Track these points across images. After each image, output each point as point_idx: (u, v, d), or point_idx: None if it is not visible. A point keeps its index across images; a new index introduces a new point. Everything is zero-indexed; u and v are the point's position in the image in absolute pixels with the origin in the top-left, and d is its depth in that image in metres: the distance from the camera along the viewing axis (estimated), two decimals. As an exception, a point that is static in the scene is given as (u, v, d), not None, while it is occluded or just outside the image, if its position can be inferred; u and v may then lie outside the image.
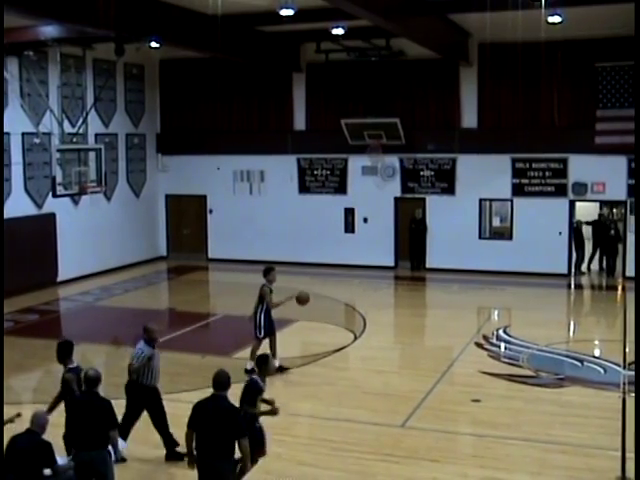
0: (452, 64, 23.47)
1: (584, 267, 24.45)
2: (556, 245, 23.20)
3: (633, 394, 12.13)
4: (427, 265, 24.52)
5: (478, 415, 11.47)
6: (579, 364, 14.17)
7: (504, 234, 24.16)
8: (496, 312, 19.71)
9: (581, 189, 22.99)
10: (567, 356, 14.63)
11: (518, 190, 23.57)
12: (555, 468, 9.23)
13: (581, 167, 22.85)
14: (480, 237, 24.16)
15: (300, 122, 25.56)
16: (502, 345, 15.54)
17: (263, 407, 8.89)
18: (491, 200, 24.35)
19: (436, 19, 19.62)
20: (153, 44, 19.13)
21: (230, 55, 21.40)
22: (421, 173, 24.40)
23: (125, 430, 9.85)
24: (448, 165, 24.11)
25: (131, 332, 16.27)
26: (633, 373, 13.31)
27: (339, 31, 20.21)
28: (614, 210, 26.92)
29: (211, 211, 26.57)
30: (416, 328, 17.96)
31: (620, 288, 22.18)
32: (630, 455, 9.23)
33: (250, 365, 12.82)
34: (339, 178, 25.17)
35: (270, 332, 13.68)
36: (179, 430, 7.97)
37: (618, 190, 22.79)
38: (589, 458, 9.63)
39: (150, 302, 20.95)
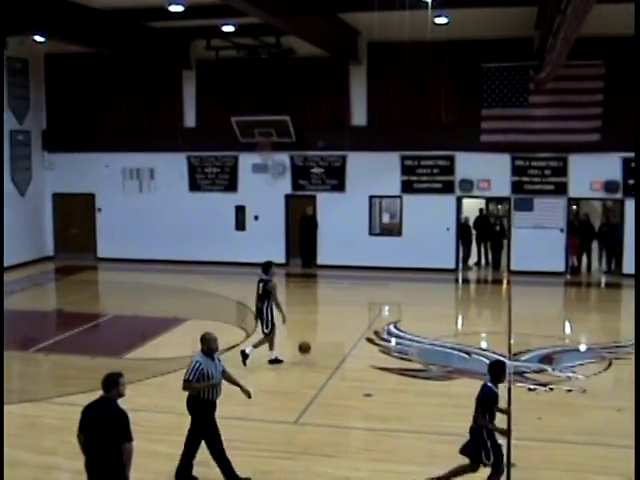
0: (342, 62, 23.71)
1: (471, 262, 25.09)
2: (444, 241, 23.75)
3: (519, 383, 12.57)
4: (318, 262, 24.72)
5: (370, 409, 11.63)
6: (467, 356, 14.52)
7: (393, 230, 24.57)
8: (386, 308, 19.99)
9: (467, 186, 23.57)
10: (455, 349, 14.96)
11: (407, 187, 23.99)
12: (444, 458, 9.43)
13: (467, 164, 23.44)
14: (370, 234, 24.50)
15: (190, 119, 25.34)
16: (393, 340, 15.78)
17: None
18: (381, 197, 24.74)
19: (325, 18, 19.77)
20: (37, 38, 18.62)
21: (117, 51, 21.06)
22: (311, 170, 24.56)
23: (191, 451, 9.10)
24: (338, 162, 24.34)
25: (17, 335, 15.92)
26: (518, 363, 13.78)
27: (229, 28, 20.17)
28: (499, 206, 27.71)
29: (100, 209, 26.06)
30: (308, 325, 18.05)
31: (505, 282, 22.83)
32: (515, 442, 9.56)
33: (274, 354, 13.99)
34: (229, 176, 25.09)
35: (273, 328, 14.05)
36: (72, 436, 7.77)
37: (503, 187, 23.49)
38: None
39: (37, 303, 20.40)
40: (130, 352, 14.63)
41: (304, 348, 13.81)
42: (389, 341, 15.72)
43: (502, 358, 13.89)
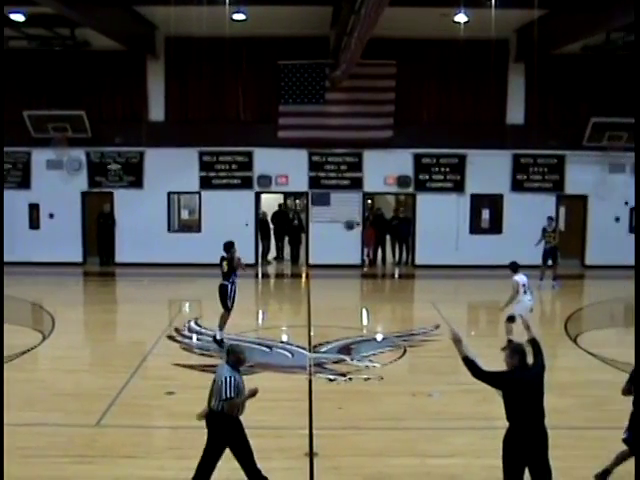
0: (139, 57, 23.29)
1: (270, 257, 25.40)
2: (243, 236, 23.84)
3: (319, 375, 12.85)
4: (117, 260, 24.19)
5: (173, 407, 11.51)
6: (268, 350, 14.67)
7: (193, 227, 24.45)
8: (187, 304, 19.86)
9: (266, 181, 23.84)
10: (256, 343, 15.07)
11: (205, 183, 23.95)
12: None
13: (265, 160, 23.71)
14: (169, 230, 24.26)
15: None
16: (194, 336, 15.70)
17: None
18: (179, 193, 24.53)
19: (122, 10, 19.38)
20: None
21: None
22: (108, 167, 23.98)
23: (207, 471, 8.37)
24: (136, 158, 23.92)
25: None
26: (318, 355, 14.08)
27: (19, 17, 19.28)
28: (297, 201, 28.21)
29: None
30: (107, 324, 17.62)
31: (304, 276, 23.27)
32: (317, 432, 9.79)
33: (220, 335, 14.55)
34: (22, 172, 24.03)
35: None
36: None
37: (300, 182, 23.94)
38: (280, 439, 10.02)
39: None
40: None
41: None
42: (190, 338, 15.62)
43: (304, 351, 14.19)
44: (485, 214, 24.55)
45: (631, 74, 23.31)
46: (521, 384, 7.62)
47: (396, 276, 24.39)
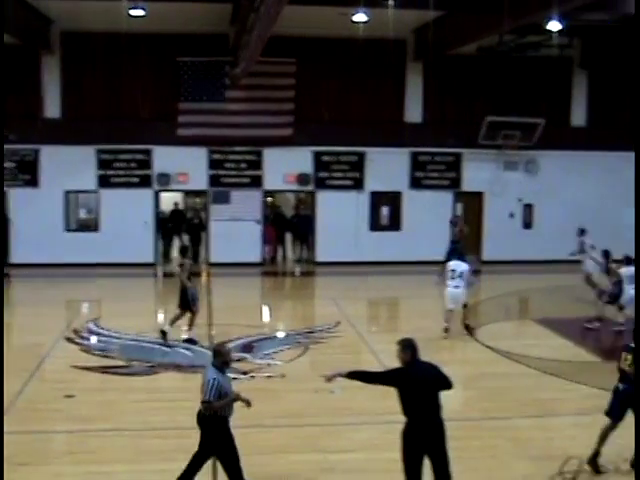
0: (33, 51, 22.68)
1: (173, 255, 25.15)
2: (142, 235, 23.60)
3: (249, 376, 12.77)
4: (12, 261, 23.51)
5: (72, 411, 11.29)
6: (168, 350, 14.54)
7: (91, 226, 24.00)
8: (86, 305, 19.51)
9: (165, 179, 23.58)
10: (156, 343, 14.92)
11: (104, 181, 23.54)
12: (150, 453, 9.42)
13: (165, 158, 23.45)
14: (67, 230, 23.75)
15: None
16: (93, 338, 15.43)
17: None
18: (77, 192, 24.03)
19: (15, 3, 18.83)
20: None
21: None
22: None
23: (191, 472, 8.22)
24: (31, 156, 23.32)
25: None
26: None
27: None
28: (197, 199, 27.97)
29: None
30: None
31: (205, 274, 23.11)
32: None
33: (167, 328, 15.01)
34: None
35: (188, 307, 15.22)
36: None
37: (200, 180, 23.78)
38: (183, 439, 9.93)
39: None
40: None
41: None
42: (89, 339, 15.35)
43: (205, 350, 14.11)
44: (384, 211, 24.89)
45: (524, 75, 24.08)
46: (414, 379, 7.77)
47: (297, 273, 24.49)
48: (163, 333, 15.00)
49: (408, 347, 7.89)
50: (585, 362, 14.27)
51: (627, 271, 16.08)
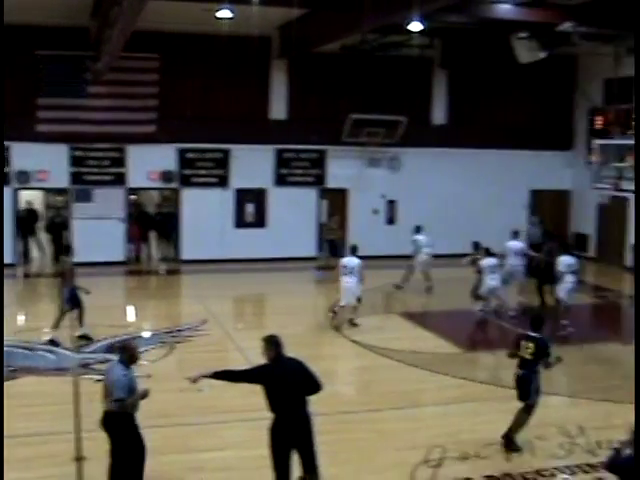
0: None
1: (34, 254, 24.44)
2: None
3: (85, 375, 12.52)
4: None
5: None
6: (30, 352, 14.13)
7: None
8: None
9: (24, 177, 22.83)
10: (18, 347, 14.45)
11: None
12: (16, 462, 9.13)
13: (24, 155, 22.64)
14: None
15: None
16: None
17: None
18: None
19: None
20: None
21: None
22: None
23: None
24: None
25: None
26: (84, 355, 13.72)
27: None
28: (58, 198, 27.16)
29: None
30: None
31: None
32: (87, 435, 9.56)
33: (51, 336, 14.83)
34: None
35: (76, 304, 15.22)
36: None
37: (61, 178, 23.14)
38: (47, 445, 9.72)
39: None
40: None
41: None
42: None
43: (68, 352, 13.77)
44: (249, 208, 24.87)
45: (387, 74, 24.59)
46: (279, 375, 7.86)
47: (162, 272, 24.20)
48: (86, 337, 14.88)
49: (273, 343, 7.98)
50: (446, 353, 14.75)
51: (487, 262, 16.81)
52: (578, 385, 13.07)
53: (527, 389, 9.90)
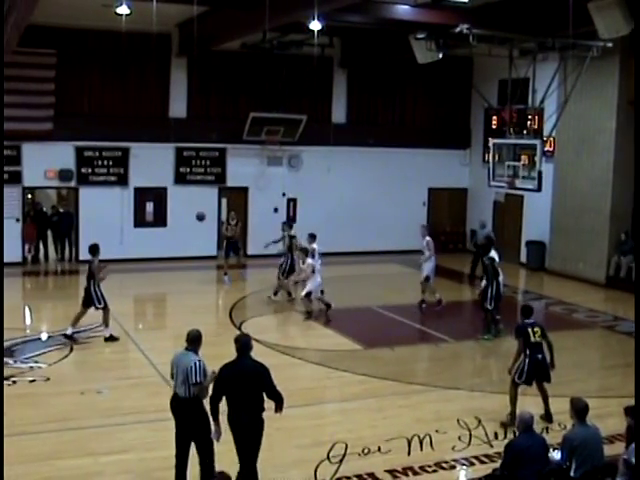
0: None
1: None
2: None
3: (11, 381, 12.17)
4: None
5: None
6: None
7: None
8: None
9: None
10: None
11: None
12: None
13: None
14: None
15: None
16: None
17: None
18: None
19: None
20: None
21: None
22: None
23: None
24: None
25: None
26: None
27: None
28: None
29: None
30: None
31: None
32: None
33: (70, 330, 14.87)
34: None
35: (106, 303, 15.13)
36: None
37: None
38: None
39: None
40: None
41: None
42: None
43: None
44: (149, 207, 24.56)
45: (287, 72, 24.65)
46: (226, 376, 8.10)
47: (59, 272, 23.68)
48: (68, 337, 14.94)
49: (235, 342, 8.31)
50: (348, 350, 14.91)
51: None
52: (476, 379, 13.40)
53: (548, 370, 10.87)
